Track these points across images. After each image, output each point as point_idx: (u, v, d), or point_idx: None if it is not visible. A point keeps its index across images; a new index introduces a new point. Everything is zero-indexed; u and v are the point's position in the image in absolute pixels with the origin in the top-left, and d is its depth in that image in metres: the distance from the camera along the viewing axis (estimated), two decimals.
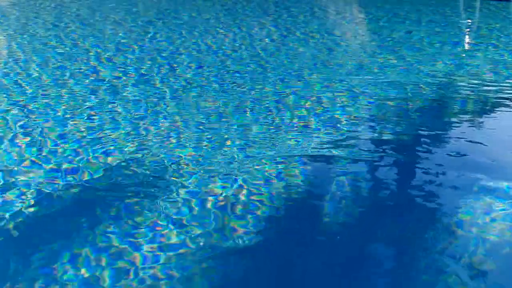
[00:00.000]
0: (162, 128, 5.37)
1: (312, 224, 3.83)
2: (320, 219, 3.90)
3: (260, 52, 8.61)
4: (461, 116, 5.87)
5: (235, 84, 6.87)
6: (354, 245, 3.59)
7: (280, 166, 4.54)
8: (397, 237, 3.68)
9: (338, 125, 5.46)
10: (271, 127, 5.40)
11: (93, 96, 6.37)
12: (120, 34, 9.97)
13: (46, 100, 6.26)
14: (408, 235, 3.70)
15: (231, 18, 11.63)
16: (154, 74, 7.37)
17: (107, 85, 6.87)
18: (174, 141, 5.06)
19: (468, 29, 10.31)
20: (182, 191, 4.13)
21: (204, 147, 4.93)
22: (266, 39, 9.54)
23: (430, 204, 4.04)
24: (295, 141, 5.07)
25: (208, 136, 5.16)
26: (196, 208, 3.92)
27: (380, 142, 5.08)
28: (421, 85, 6.68)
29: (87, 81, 7.00)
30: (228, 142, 5.01)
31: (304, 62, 7.97)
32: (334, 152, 4.85)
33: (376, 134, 5.27)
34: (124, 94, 6.52)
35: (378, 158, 4.77)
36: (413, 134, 5.34)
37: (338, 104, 6.07)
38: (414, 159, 4.82)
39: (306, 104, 6.08)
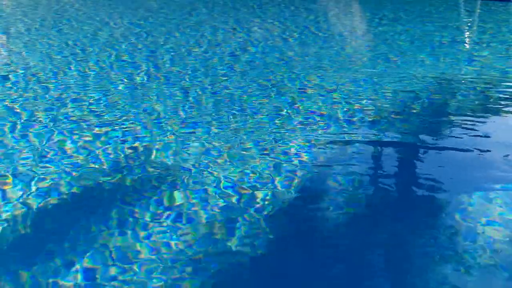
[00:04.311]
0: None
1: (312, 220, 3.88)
2: (319, 214, 3.95)
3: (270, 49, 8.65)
4: (461, 114, 5.89)
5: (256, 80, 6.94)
6: (355, 243, 3.63)
7: (281, 160, 4.61)
8: (396, 236, 3.71)
9: (339, 122, 5.50)
10: (276, 124, 5.47)
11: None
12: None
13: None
14: (409, 234, 3.73)
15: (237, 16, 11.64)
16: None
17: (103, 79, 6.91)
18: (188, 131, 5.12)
19: (468, 29, 10.34)
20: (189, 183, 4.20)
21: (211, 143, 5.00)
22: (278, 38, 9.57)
23: (435, 202, 4.09)
24: (293, 135, 5.13)
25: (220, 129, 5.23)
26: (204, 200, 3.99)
27: (381, 141, 5.12)
28: (422, 83, 6.71)
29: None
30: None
31: (304, 62, 8.00)
32: (335, 147, 4.90)
33: (378, 132, 5.30)
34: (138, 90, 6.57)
35: (380, 156, 4.81)
36: (414, 132, 5.37)
37: (340, 102, 6.11)
38: (417, 155, 4.87)
39: (308, 99, 6.15)
